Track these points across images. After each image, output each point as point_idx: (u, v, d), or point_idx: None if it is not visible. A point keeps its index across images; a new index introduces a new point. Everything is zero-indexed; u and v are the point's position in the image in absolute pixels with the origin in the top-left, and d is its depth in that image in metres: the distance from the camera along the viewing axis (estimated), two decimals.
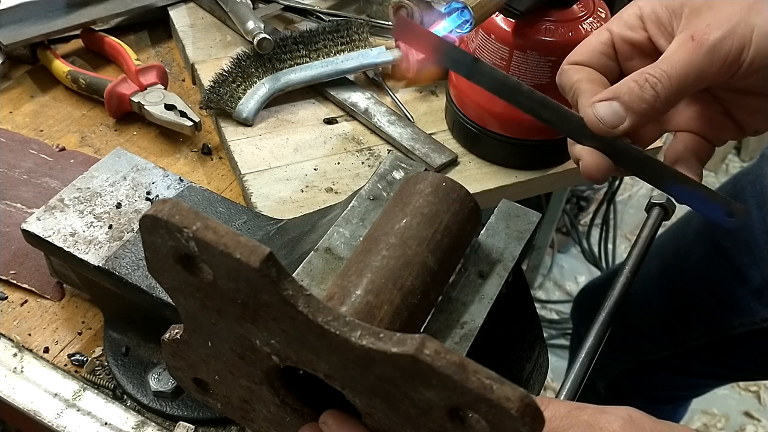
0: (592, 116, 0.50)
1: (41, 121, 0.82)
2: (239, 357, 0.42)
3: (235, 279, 0.36)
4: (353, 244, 0.51)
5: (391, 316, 0.43)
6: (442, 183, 0.49)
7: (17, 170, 0.75)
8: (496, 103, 0.74)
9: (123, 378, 0.60)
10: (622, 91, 0.49)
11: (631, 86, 0.49)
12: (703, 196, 0.52)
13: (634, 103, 0.49)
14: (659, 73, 0.48)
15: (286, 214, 0.69)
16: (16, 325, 0.64)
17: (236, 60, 0.81)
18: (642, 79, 0.49)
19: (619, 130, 0.49)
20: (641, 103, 0.49)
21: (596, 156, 0.51)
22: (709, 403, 1.70)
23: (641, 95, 0.49)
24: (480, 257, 0.51)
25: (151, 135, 0.82)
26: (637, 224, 2.02)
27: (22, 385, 0.59)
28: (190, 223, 0.35)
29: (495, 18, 0.70)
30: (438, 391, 0.33)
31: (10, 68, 0.88)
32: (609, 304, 0.54)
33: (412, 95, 0.87)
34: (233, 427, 0.59)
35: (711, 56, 0.48)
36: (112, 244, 0.58)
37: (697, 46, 0.48)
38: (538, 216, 0.55)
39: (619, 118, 0.49)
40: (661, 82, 0.48)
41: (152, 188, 0.62)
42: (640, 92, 0.49)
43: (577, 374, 0.51)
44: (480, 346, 0.47)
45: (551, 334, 1.80)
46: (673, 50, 0.49)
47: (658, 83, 0.48)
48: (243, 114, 0.80)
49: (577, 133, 0.51)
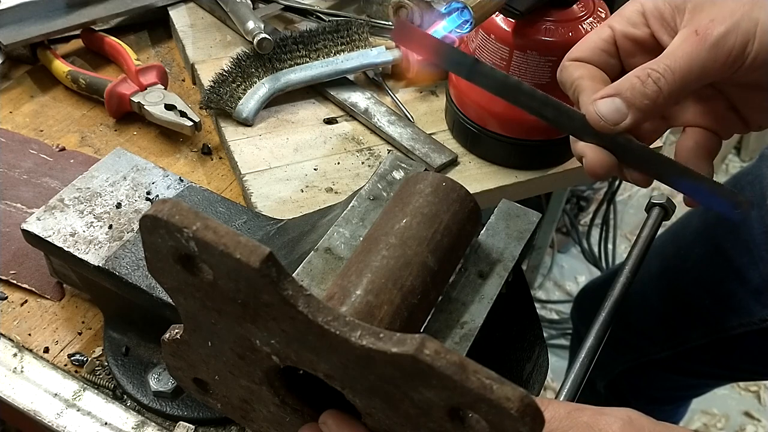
0: (594, 113, 0.49)
1: (41, 121, 0.82)
2: (239, 357, 0.42)
3: (235, 279, 0.36)
4: (353, 244, 0.51)
5: (391, 316, 0.43)
6: (442, 183, 0.49)
7: (17, 170, 0.75)
8: (496, 103, 0.74)
9: (123, 378, 0.60)
10: (624, 87, 0.49)
11: (633, 82, 0.49)
12: (709, 189, 0.51)
13: (636, 99, 0.48)
14: (662, 68, 0.48)
15: (286, 214, 0.69)
16: (16, 325, 0.64)
17: (236, 60, 0.81)
18: (644, 75, 0.48)
19: (621, 127, 0.49)
20: (643, 99, 0.48)
21: (599, 153, 0.51)
22: (709, 403, 1.70)
23: (643, 91, 0.48)
24: (480, 257, 0.51)
25: (151, 135, 0.82)
26: (637, 224, 2.02)
27: (22, 385, 0.59)
28: (190, 223, 0.35)
29: (495, 18, 0.70)
30: (438, 391, 0.33)
31: (10, 68, 0.88)
32: (609, 304, 0.55)
33: (412, 95, 0.87)
34: (233, 427, 0.59)
35: (715, 51, 0.47)
36: (112, 244, 0.58)
37: (701, 40, 0.48)
38: (538, 216, 0.55)
39: (621, 114, 0.49)
40: (664, 77, 0.48)
41: (152, 188, 0.62)
42: (643, 88, 0.48)
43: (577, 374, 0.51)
44: (480, 346, 0.47)
45: (551, 334, 1.80)
46: (676, 45, 0.49)
47: (661, 78, 0.48)
48: (243, 114, 0.80)
49: (580, 130, 0.51)
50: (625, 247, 1.95)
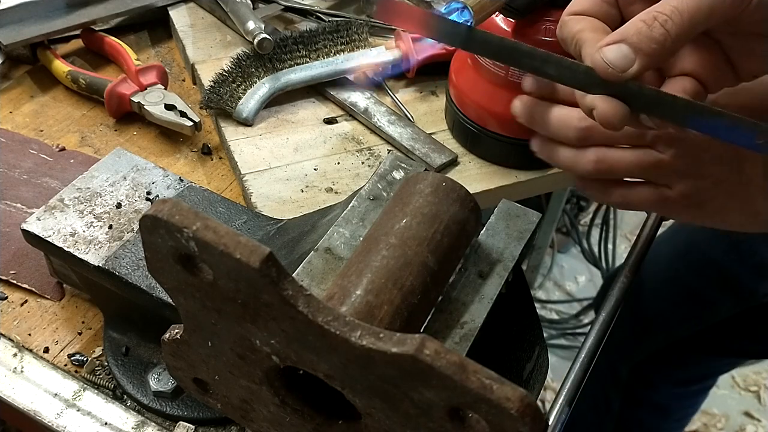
0: (601, 61, 0.47)
1: (41, 121, 0.82)
2: (239, 357, 0.42)
3: (235, 279, 0.36)
4: (353, 244, 0.51)
5: (391, 316, 0.43)
6: (442, 183, 0.49)
7: (17, 170, 0.75)
8: (496, 103, 0.74)
9: (123, 378, 0.60)
10: (630, 33, 0.47)
11: (639, 26, 0.47)
12: (728, 123, 0.49)
13: (643, 43, 0.47)
14: (669, 10, 0.46)
15: (286, 214, 0.69)
16: (16, 325, 0.64)
17: (236, 60, 0.81)
18: (650, 18, 0.47)
19: (630, 74, 0.47)
20: (651, 43, 0.47)
21: (610, 102, 0.49)
22: (709, 403, 1.70)
23: (650, 35, 0.46)
24: (480, 257, 0.51)
25: (151, 135, 0.82)
26: (637, 224, 2.02)
27: (22, 385, 0.59)
28: (190, 223, 0.35)
29: (495, 18, 0.70)
30: (438, 391, 0.33)
31: (10, 68, 0.88)
32: (609, 304, 0.55)
33: (412, 95, 0.87)
34: (233, 427, 0.59)
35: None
36: (112, 244, 0.58)
37: None
38: (538, 216, 0.55)
39: (629, 60, 0.47)
40: (671, 19, 0.46)
41: (152, 188, 0.62)
42: (650, 32, 0.47)
43: (577, 374, 0.51)
44: (480, 346, 0.47)
45: (551, 334, 1.80)
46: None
47: (668, 21, 0.46)
48: (243, 114, 0.80)
49: (585, 82, 0.49)
50: (625, 247, 1.95)
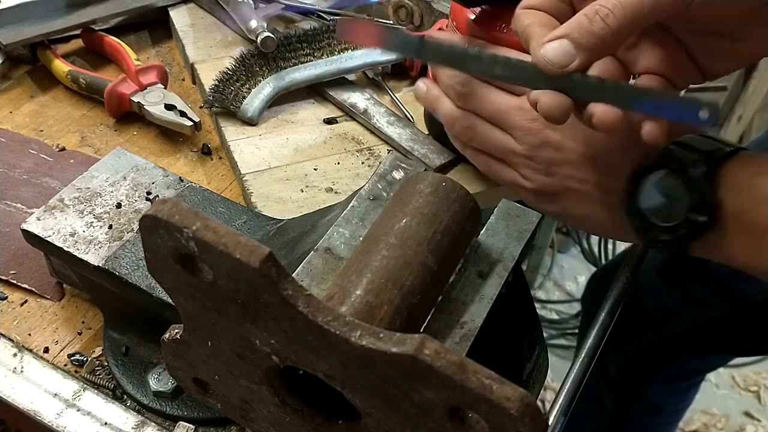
0: (541, 59, 0.48)
1: (41, 121, 0.82)
2: (239, 357, 0.42)
3: (235, 279, 0.36)
4: (353, 244, 0.51)
5: (391, 316, 0.43)
6: (442, 183, 0.49)
7: (17, 170, 0.75)
8: None
9: (123, 378, 0.60)
10: (572, 28, 0.48)
11: (581, 20, 0.47)
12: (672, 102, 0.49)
13: (583, 38, 0.47)
14: (612, 4, 0.47)
15: (286, 214, 0.69)
16: (16, 325, 0.64)
17: (240, 59, 0.81)
18: (592, 12, 0.47)
19: (571, 69, 0.48)
20: (591, 38, 0.47)
21: (553, 95, 0.49)
22: (709, 403, 1.70)
23: (591, 29, 0.47)
24: (480, 257, 0.51)
25: (151, 135, 0.82)
26: None
27: (22, 385, 0.59)
28: (190, 223, 0.35)
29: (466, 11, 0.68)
30: (438, 391, 0.33)
31: (10, 68, 0.88)
32: (608, 304, 0.55)
33: (412, 95, 0.87)
34: (233, 427, 0.59)
35: None
36: (112, 244, 0.58)
37: None
38: (538, 216, 0.55)
39: (570, 56, 0.47)
40: (613, 12, 0.47)
41: (152, 188, 0.62)
42: (590, 26, 0.47)
43: (577, 374, 0.51)
44: (480, 346, 0.47)
45: (551, 334, 1.80)
46: None
47: (609, 15, 0.47)
48: (248, 113, 0.80)
49: (532, 80, 0.50)
50: (624, 247, 1.95)
